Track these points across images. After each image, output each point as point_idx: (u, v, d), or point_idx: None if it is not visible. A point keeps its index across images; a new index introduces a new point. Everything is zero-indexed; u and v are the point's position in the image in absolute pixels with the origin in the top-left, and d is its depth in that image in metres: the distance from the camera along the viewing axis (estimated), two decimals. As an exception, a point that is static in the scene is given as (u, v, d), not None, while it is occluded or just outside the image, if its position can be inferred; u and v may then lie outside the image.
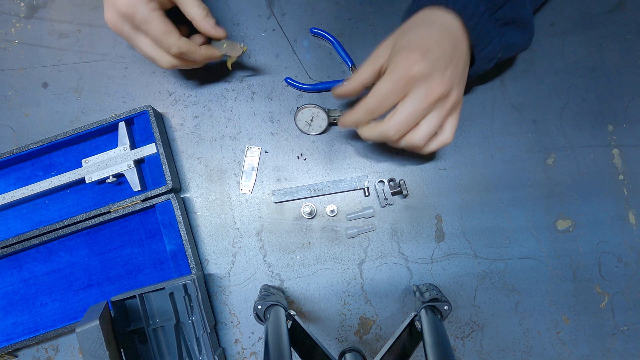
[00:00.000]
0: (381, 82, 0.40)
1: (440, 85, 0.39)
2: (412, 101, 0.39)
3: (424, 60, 0.38)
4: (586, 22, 0.55)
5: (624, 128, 0.54)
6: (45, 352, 0.53)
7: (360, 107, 0.41)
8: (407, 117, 0.40)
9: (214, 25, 0.46)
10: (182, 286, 0.49)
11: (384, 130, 0.41)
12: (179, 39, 0.44)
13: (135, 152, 0.52)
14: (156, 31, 0.43)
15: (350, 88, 0.44)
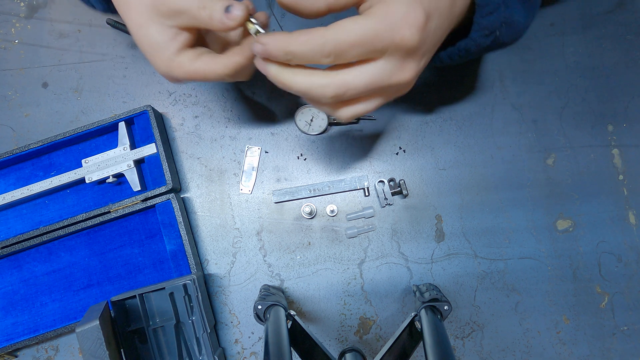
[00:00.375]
0: (357, 24, 0.29)
1: (412, 73, 0.32)
2: (374, 72, 0.31)
3: (421, 30, 0.30)
4: (586, 22, 0.55)
5: (624, 128, 0.54)
6: (45, 352, 0.53)
7: (307, 39, 0.29)
8: (358, 88, 0.31)
9: (220, 18, 0.32)
10: (182, 286, 0.49)
11: (320, 88, 0.31)
12: (167, 57, 0.35)
13: (135, 152, 0.52)
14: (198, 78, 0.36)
15: (311, 3, 0.31)
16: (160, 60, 0.35)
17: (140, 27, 0.35)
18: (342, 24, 0.29)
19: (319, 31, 0.29)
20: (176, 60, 0.35)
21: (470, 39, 0.37)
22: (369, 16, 0.29)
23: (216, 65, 0.35)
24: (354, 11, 0.33)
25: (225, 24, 0.33)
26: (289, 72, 0.32)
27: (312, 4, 0.31)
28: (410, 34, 0.29)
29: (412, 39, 0.30)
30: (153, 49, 0.35)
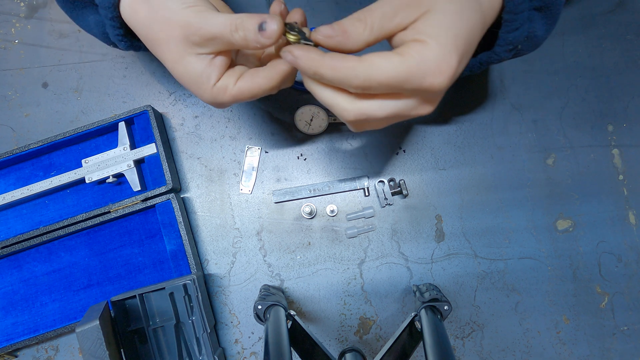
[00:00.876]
0: (390, 63, 0.28)
1: (433, 107, 0.33)
2: (396, 107, 0.31)
3: (451, 77, 0.29)
4: (586, 22, 0.55)
5: (624, 128, 0.54)
6: (45, 352, 0.53)
7: (339, 67, 0.29)
8: (377, 119, 0.32)
9: (255, 38, 0.31)
10: (182, 286, 0.49)
11: (342, 110, 0.32)
12: (210, 86, 0.33)
13: (135, 152, 0.52)
14: (187, 84, 0.35)
15: (344, 42, 0.31)
16: (204, 90, 0.34)
17: (175, 62, 0.34)
18: (375, 60, 0.29)
19: (351, 62, 0.29)
20: (219, 86, 0.34)
21: (494, 52, 0.38)
22: (403, 57, 0.29)
23: (261, 80, 0.34)
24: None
25: (261, 43, 0.31)
26: (316, 85, 0.32)
27: (352, 46, 0.31)
28: (441, 81, 0.29)
29: (442, 85, 0.29)
30: (193, 81, 0.34)
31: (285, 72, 0.34)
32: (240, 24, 0.31)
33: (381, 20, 0.30)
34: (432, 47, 0.28)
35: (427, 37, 0.28)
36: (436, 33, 0.29)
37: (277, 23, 0.30)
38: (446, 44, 0.29)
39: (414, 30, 0.29)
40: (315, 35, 0.30)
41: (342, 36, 0.30)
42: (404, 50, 0.29)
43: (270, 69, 0.34)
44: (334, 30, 0.30)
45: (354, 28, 0.30)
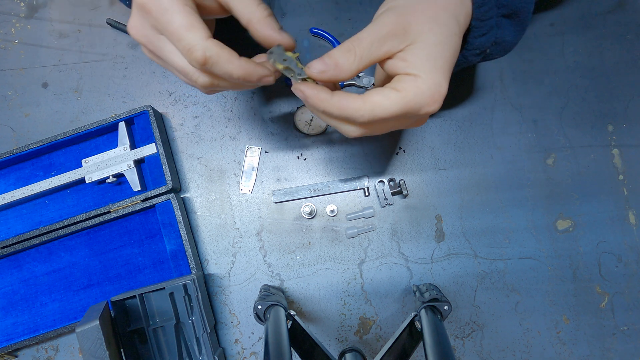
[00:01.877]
0: (390, 100, 0.31)
1: (426, 120, 0.36)
2: (394, 126, 0.35)
3: (443, 98, 0.33)
4: (586, 22, 0.55)
5: (624, 128, 0.54)
6: (45, 352, 0.53)
7: (345, 106, 0.31)
8: (377, 132, 0.35)
9: (277, 28, 0.33)
10: (182, 286, 0.49)
11: (347, 130, 0.34)
12: (205, 38, 0.31)
13: (135, 152, 0.52)
14: (175, 24, 0.31)
15: (337, 75, 0.32)
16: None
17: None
18: (376, 99, 0.31)
19: (357, 102, 0.31)
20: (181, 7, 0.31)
21: (463, 56, 0.40)
22: (400, 92, 0.31)
23: (228, 53, 0.32)
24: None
25: (273, 32, 0.33)
26: (323, 116, 0.34)
27: (344, 77, 0.32)
28: (435, 108, 0.32)
29: (436, 110, 0.33)
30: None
31: (259, 76, 0.34)
32: (269, 9, 0.34)
33: (369, 49, 0.32)
34: (425, 80, 0.31)
35: (419, 72, 0.31)
36: (426, 66, 0.31)
37: (292, 39, 0.34)
38: (436, 75, 0.32)
39: (405, 63, 0.32)
40: (309, 71, 0.32)
41: (334, 70, 0.32)
42: (400, 85, 0.32)
43: (251, 63, 0.33)
44: (326, 64, 0.32)
45: (345, 59, 0.31)
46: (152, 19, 0.32)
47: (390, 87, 0.32)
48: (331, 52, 0.32)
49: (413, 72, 0.31)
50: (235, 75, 0.32)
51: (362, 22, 0.55)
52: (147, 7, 0.32)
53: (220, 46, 0.31)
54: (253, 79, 0.33)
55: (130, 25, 0.34)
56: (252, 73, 0.33)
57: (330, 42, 0.54)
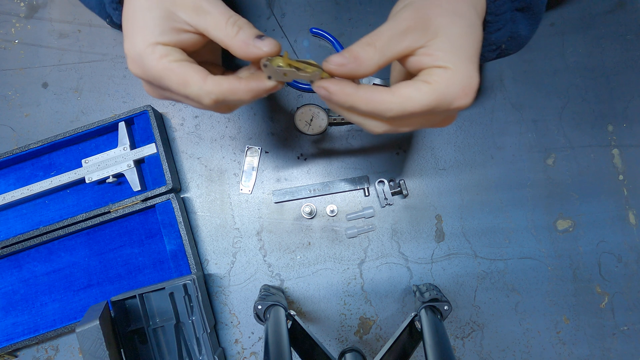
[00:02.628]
0: (420, 93, 0.29)
1: (454, 120, 0.34)
2: (421, 124, 0.33)
3: (475, 93, 0.30)
4: (586, 22, 0.55)
5: (624, 128, 0.54)
6: (45, 352, 0.53)
7: (373, 101, 0.30)
8: (404, 129, 0.33)
9: (251, 40, 0.30)
10: (182, 286, 0.49)
11: (372, 126, 0.33)
12: (202, 83, 0.30)
13: (135, 152, 0.52)
14: (173, 85, 0.30)
15: (357, 69, 0.30)
16: (143, 36, 0.30)
17: (147, 2, 0.30)
18: (406, 92, 0.29)
19: (385, 96, 0.29)
20: (162, 47, 0.30)
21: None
22: (431, 85, 0.29)
23: (229, 84, 0.30)
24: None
25: (251, 49, 0.30)
26: (346, 111, 0.32)
27: (365, 71, 0.30)
28: (467, 101, 0.30)
29: (468, 104, 0.30)
30: (145, 20, 0.30)
31: (267, 90, 0.31)
32: (240, 23, 0.30)
33: (389, 43, 0.30)
34: (456, 72, 0.29)
35: (448, 63, 0.29)
36: (454, 58, 0.30)
37: (275, 43, 0.30)
38: (466, 66, 0.30)
39: (432, 57, 0.30)
40: (327, 65, 0.30)
41: (354, 63, 0.30)
42: (430, 78, 0.29)
43: (225, 78, 0.31)
44: (346, 58, 0.30)
45: (365, 53, 0.30)
46: (154, 86, 0.33)
47: (419, 79, 0.30)
48: (350, 47, 0.30)
49: (443, 64, 0.30)
50: (246, 100, 0.32)
51: (362, 22, 0.55)
52: (144, 78, 0.32)
53: (220, 83, 0.30)
54: (263, 95, 0.32)
55: (146, 90, 0.35)
56: (259, 91, 0.31)
57: (330, 42, 0.54)
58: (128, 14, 0.31)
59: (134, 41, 0.30)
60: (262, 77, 0.31)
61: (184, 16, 0.30)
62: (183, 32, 0.31)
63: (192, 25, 0.30)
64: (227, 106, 0.34)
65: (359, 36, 0.54)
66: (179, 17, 0.30)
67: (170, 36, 0.30)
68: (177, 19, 0.30)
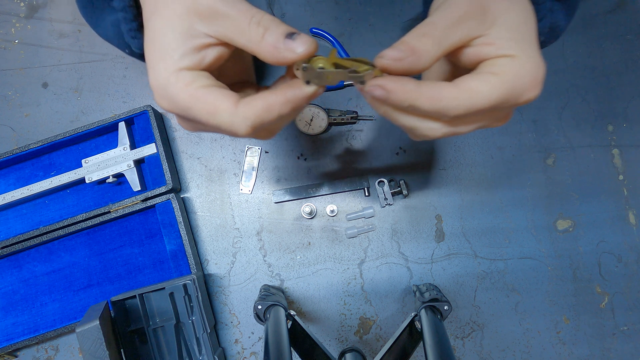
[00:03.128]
0: (490, 86, 0.26)
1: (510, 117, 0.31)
2: (480, 125, 0.29)
3: (542, 82, 0.27)
4: (586, 22, 0.55)
5: (624, 128, 0.54)
6: (45, 352, 0.53)
7: (439, 97, 0.26)
8: (462, 132, 0.29)
9: (277, 42, 0.25)
10: (182, 286, 0.49)
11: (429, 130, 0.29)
12: (233, 108, 0.26)
13: (135, 152, 0.52)
14: (202, 115, 0.27)
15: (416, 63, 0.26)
16: (165, 64, 0.26)
17: (162, 19, 0.27)
18: (474, 85, 0.26)
19: (451, 91, 0.26)
20: (185, 73, 0.26)
21: None
22: (499, 76, 0.26)
23: (262, 103, 0.26)
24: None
25: (282, 53, 0.25)
26: (398, 113, 0.28)
27: (424, 65, 0.26)
28: (537, 93, 0.27)
29: (537, 96, 0.27)
30: (163, 45, 0.27)
31: (307, 97, 0.27)
32: (265, 22, 0.26)
33: (447, 32, 0.27)
34: (524, 61, 0.26)
35: (514, 51, 0.26)
36: (520, 46, 0.27)
37: (312, 40, 0.25)
38: (533, 54, 0.27)
39: (493, 46, 0.27)
40: (381, 61, 0.26)
41: (412, 56, 0.26)
42: (496, 69, 0.26)
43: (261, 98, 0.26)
44: (402, 51, 0.26)
45: (422, 44, 0.26)
46: (188, 120, 0.29)
47: (484, 71, 0.27)
48: (403, 39, 0.27)
49: (508, 52, 0.26)
50: (286, 115, 0.27)
51: (362, 22, 0.55)
52: (175, 112, 0.29)
53: (253, 104, 0.26)
54: (304, 104, 0.27)
55: (181, 125, 0.31)
56: (299, 100, 0.26)
57: (331, 42, 0.54)
58: (148, 41, 0.28)
59: (156, 72, 0.27)
60: (299, 83, 0.26)
61: (202, 27, 0.26)
62: (205, 49, 0.27)
63: (212, 35, 0.26)
64: (267, 130, 0.30)
65: (359, 36, 0.55)
66: (198, 30, 0.26)
67: (192, 58, 0.27)
68: (197, 33, 0.26)
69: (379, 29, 0.55)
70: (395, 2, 0.55)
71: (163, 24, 0.26)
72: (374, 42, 0.54)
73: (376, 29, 0.55)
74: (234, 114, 0.26)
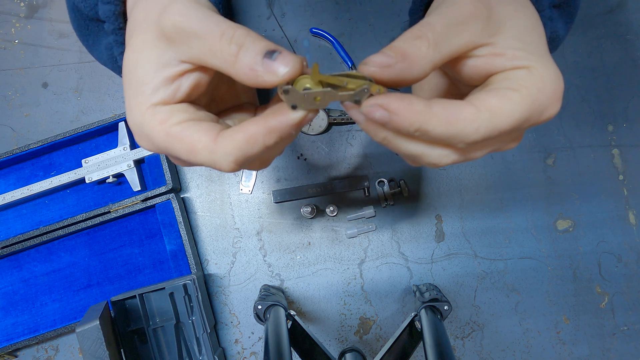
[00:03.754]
0: (512, 104, 0.22)
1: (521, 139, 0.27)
2: (494, 148, 0.25)
3: (562, 95, 0.25)
4: (586, 22, 0.55)
5: (624, 128, 0.54)
6: (45, 352, 0.53)
7: (454, 119, 0.21)
8: (479, 153, 0.25)
9: (253, 62, 0.21)
10: (182, 286, 0.49)
11: (438, 158, 0.24)
12: (212, 145, 0.22)
13: (135, 152, 0.52)
14: (182, 154, 0.23)
15: (407, 70, 0.22)
16: (137, 101, 0.23)
17: (133, 52, 0.23)
18: (494, 104, 0.22)
19: (467, 110, 0.21)
20: (159, 109, 0.23)
21: None
22: (520, 92, 0.22)
23: (243, 134, 0.22)
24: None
25: (257, 74, 0.21)
26: (402, 140, 0.23)
27: (418, 72, 0.22)
28: (558, 108, 0.24)
29: (556, 112, 0.24)
30: (135, 80, 0.23)
31: (294, 125, 0.22)
32: (238, 38, 0.21)
33: (447, 35, 0.22)
34: (542, 72, 0.23)
35: (529, 62, 0.23)
36: (534, 55, 0.23)
37: (295, 59, 0.21)
38: (550, 64, 0.24)
39: (504, 57, 0.23)
40: (367, 68, 0.22)
41: (403, 62, 0.21)
42: (514, 83, 0.22)
43: (240, 131, 0.22)
44: (390, 56, 0.22)
45: (415, 48, 0.22)
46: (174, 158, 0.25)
47: (501, 87, 0.22)
48: (391, 44, 0.22)
49: (523, 63, 0.23)
50: (272, 146, 0.23)
51: (362, 22, 0.55)
52: (157, 152, 0.25)
53: (233, 136, 0.22)
54: (292, 132, 0.23)
55: (174, 162, 0.27)
56: (283, 129, 0.22)
57: (331, 42, 0.54)
58: (124, 75, 0.24)
59: (131, 110, 0.23)
60: (285, 109, 0.22)
61: (172, 52, 0.22)
62: (180, 77, 0.23)
63: (185, 59, 0.23)
64: (259, 160, 0.26)
65: (359, 36, 0.55)
66: (169, 57, 0.23)
67: (166, 90, 0.23)
68: (168, 60, 0.23)
69: (379, 29, 0.55)
70: (395, 2, 0.55)
71: (135, 55, 0.23)
72: (374, 42, 0.54)
73: (376, 29, 0.55)
74: (213, 151, 0.22)
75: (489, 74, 0.24)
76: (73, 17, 0.32)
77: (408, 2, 0.55)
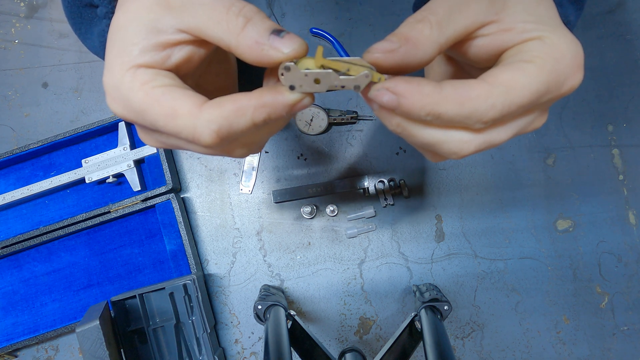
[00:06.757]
0: (529, 76, 0.21)
1: (546, 117, 0.25)
2: (517, 128, 0.24)
3: (583, 63, 0.23)
4: (586, 22, 0.55)
5: (624, 128, 0.54)
6: (45, 352, 0.53)
7: (467, 99, 0.21)
8: (495, 145, 0.24)
9: (259, 37, 0.21)
10: (182, 286, 0.49)
11: (459, 144, 0.23)
12: (196, 110, 0.21)
13: (135, 152, 0.52)
14: (159, 119, 0.22)
15: (411, 53, 0.21)
16: (121, 60, 0.22)
17: (125, 13, 0.22)
18: (508, 78, 0.21)
19: (483, 88, 0.21)
20: (144, 70, 0.22)
21: None
22: (536, 63, 0.21)
23: (232, 103, 0.21)
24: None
25: (266, 51, 0.21)
26: (416, 126, 0.22)
27: (423, 55, 0.21)
28: (580, 77, 0.22)
29: (580, 82, 0.22)
30: (122, 39, 0.22)
31: (289, 106, 0.22)
32: (247, 12, 0.21)
33: (450, 15, 0.21)
34: (557, 41, 0.21)
35: (540, 32, 0.22)
36: (547, 25, 0.22)
37: (302, 40, 0.21)
38: (563, 32, 0.22)
39: (513, 32, 0.22)
40: (371, 55, 0.22)
41: (405, 46, 0.21)
42: (528, 55, 0.21)
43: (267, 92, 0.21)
44: (393, 42, 0.21)
45: (417, 32, 0.21)
46: (146, 128, 0.24)
47: (514, 61, 0.21)
48: (394, 31, 0.22)
49: (535, 34, 0.22)
50: (260, 123, 0.21)
51: (362, 22, 0.55)
52: (128, 118, 0.23)
53: (221, 103, 0.21)
54: (283, 114, 0.22)
55: (140, 137, 0.26)
56: (277, 106, 0.21)
57: (331, 42, 0.54)
58: (109, 38, 0.23)
59: (111, 70, 0.22)
60: (281, 88, 0.21)
61: (171, 19, 0.21)
62: (173, 47, 0.22)
63: (183, 28, 0.22)
64: (242, 143, 0.24)
65: (359, 36, 0.55)
66: (166, 24, 0.22)
67: (154, 55, 0.22)
68: (164, 27, 0.22)
69: (379, 29, 0.55)
70: (395, 2, 0.55)
71: (126, 18, 0.22)
72: (374, 42, 0.54)
73: (376, 29, 0.55)
74: (196, 116, 0.21)
75: (500, 52, 0.23)
76: (66, 4, 0.30)
77: (408, 2, 0.55)
